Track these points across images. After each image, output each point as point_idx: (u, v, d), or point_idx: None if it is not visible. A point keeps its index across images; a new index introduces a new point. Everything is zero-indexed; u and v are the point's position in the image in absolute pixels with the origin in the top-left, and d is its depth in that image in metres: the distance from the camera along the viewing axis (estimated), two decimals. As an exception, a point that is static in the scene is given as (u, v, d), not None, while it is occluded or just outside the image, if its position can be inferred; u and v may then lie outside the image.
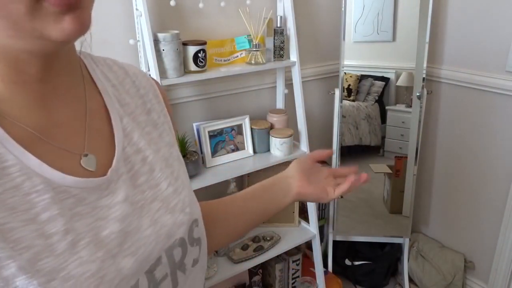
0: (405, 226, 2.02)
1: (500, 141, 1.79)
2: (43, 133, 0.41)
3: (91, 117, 0.46)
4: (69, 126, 0.44)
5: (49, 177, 0.39)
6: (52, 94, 0.43)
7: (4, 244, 0.34)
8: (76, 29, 0.36)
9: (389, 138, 2.00)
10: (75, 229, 0.39)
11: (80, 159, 0.43)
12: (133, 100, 0.52)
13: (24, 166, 0.38)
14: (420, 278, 2.08)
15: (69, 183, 0.40)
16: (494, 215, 1.87)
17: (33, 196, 0.38)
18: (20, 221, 0.36)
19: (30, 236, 0.36)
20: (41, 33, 0.35)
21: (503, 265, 1.85)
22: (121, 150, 0.47)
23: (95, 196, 0.42)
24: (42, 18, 0.34)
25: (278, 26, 1.64)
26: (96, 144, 0.45)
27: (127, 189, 0.45)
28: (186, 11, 1.61)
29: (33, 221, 0.37)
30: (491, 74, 1.75)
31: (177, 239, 0.48)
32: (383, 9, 1.81)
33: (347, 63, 1.84)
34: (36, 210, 0.37)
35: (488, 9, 1.72)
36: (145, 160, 0.49)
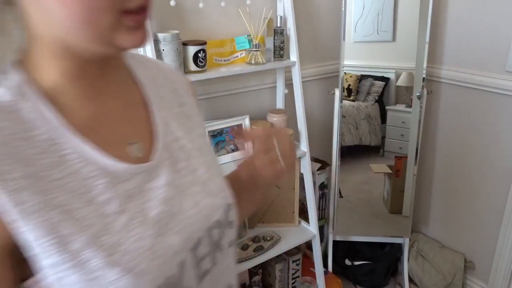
0: (405, 226, 2.02)
1: (500, 141, 1.79)
2: (97, 123, 0.47)
3: (134, 109, 0.52)
4: (118, 117, 0.50)
5: (103, 163, 0.44)
6: (105, 88, 0.49)
7: (70, 222, 0.40)
8: (142, 41, 0.44)
9: (389, 138, 2.00)
10: (128, 209, 0.44)
11: (127, 147, 0.49)
12: (167, 94, 0.57)
13: (81, 154, 0.43)
14: (420, 278, 2.08)
15: (120, 169, 0.46)
16: (494, 215, 1.87)
17: (90, 181, 0.43)
18: (80, 203, 0.41)
19: (90, 216, 0.41)
20: (116, 42, 0.42)
21: (503, 265, 1.85)
22: (162, 138, 0.52)
23: (142, 180, 0.47)
24: (120, 31, 0.42)
25: (278, 26, 1.64)
26: (139, 133, 0.51)
27: (169, 174, 0.50)
28: (186, 11, 1.61)
29: (92, 203, 0.42)
30: (491, 74, 1.75)
31: (215, 220, 0.52)
32: (383, 9, 1.81)
33: (347, 63, 1.84)
34: (93, 193, 0.43)
35: (488, 9, 1.72)
36: (183, 148, 0.54)
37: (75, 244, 0.40)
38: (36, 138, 0.42)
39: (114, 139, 0.48)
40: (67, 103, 0.45)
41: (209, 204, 0.52)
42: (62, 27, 0.41)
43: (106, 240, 0.41)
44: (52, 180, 0.41)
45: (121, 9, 0.40)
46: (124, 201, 0.45)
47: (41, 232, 0.39)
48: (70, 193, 0.41)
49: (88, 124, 0.46)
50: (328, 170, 2.03)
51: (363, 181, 2.07)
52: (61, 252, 0.39)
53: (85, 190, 0.42)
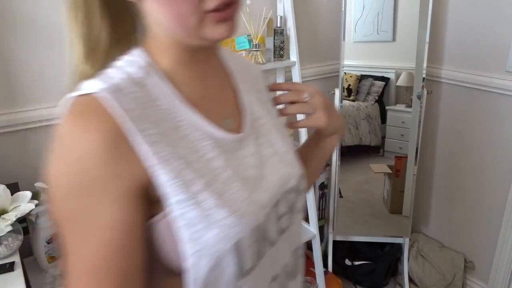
0: (405, 226, 2.02)
1: (500, 141, 1.79)
2: (202, 99, 0.57)
3: (227, 91, 0.63)
4: (217, 96, 0.61)
5: (208, 130, 0.54)
6: (208, 72, 0.59)
7: (190, 170, 0.50)
8: (227, 34, 0.51)
9: (389, 138, 2.00)
10: (229, 167, 0.54)
11: (223, 121, 0.58)
12: (248, 81, 0.68)
13: (191, 121, 0.53)
14: (420, 278, 2.08)
15: (221, 136, 0.55)
16: (494, 215, 1.87)
17: (199, 143, 0.53)
18: (194, 158, 0.51)
19: (202, 168, 0.51)
20: (204, 36, 0.50)
21: (503, 265, 1.85)
22: (248, 117, 0.62)
23: (235, 148, 0.57)
24: (206, 26, 0.50)
25: (278, 26, 1.64)
26: (231, 111, 0.62)
27: (254, 146, 0.60)
28: (186, 11, 1.61)
29: (202, 159, 0.52)
30: (491, 74, 1.75)
31: (290, 187, 0.62)
32: (383, 9, 1.81)
33: (347, 63, 1.84)
34: (202, 152, 0.52)
35: (488, 9, 1.72)
36: (264, 125, 0.64)
37: (195, 187, 0.49)
38: (159, 107, 0.52)
39: (214, 113, 0.57)
40: (179, 82, 0.55)
41: (286, 173, 0.62)
42: (165, 27, 0.52)
43: (215, 187, 0.51)
44: (175, 138, 0.51)
45: (203, 10, 0.48)
46: (226, 159, 0.54)
47: (171, 175, 0.48)
48: (186, 148, 0.51)
49: (195, 99, 0.56)
50: (328, 170, 2.03)
51: (363, 181, 2.07)
52: (185, 192, 0.48)
53: (196, 149, 0.52)
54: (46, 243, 1.29)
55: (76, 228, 0.47)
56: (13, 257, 1.11)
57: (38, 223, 1.27)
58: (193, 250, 0.48)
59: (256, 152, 0.60)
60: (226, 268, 0.50)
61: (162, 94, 0.53)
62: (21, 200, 1.15)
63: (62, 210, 0.47)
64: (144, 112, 0.49)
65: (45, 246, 1.29)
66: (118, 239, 0.46)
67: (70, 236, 0.47)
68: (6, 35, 1.33)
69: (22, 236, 1.16)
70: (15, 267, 1.07)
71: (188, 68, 0.56)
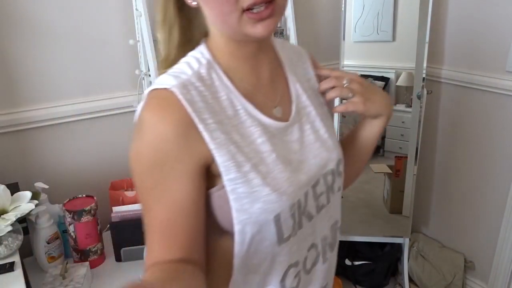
0: (405, 226, 2.02)
1: (500, 141, 1.79)
2: (255, 90, 0.66)
3: (278, 81, 0.71)
4: (267, 86, 0.69)
5: (259, 117, 0.64)
6: (260, 64, 0.67)
7: (241, 154, 0.59)
8: (264, 33, 0.58)
9: (389, 138, 2.00)
10: (275, 151, 0.63)
11: (273, 109, 0.67)
12: (299, 71, 0.76)
13: (246, 110, 0.63)
14: (420, 278, 2.08)
15: (269, 123, 0.65)
16: (494, 215, 1.87)
17: (251, 129, 0.62)
18: (245, 142, 0.61)
19: (251, 151, 0.61)
20: (245, 33, 0.58)
21: (503, 265, 1.85)
22: (295, 106, 0.70)
23: (281, 134, 0.66)
24: (244, 25, 0.57)
25: (278, 26, 1.64)
26: (280, 100, 0.69)
27: (298, 132, 0.69)
28: (186, 11, 1.61)
29: (253, 143, 0.61)
30: (491, 74, 1.75)
31: (329, 169, 0.70)
32: (383, 9, 1.81)
33: (347, 63, 1.84)
34: (253, 137, 0.62)
35: (488, 9, 1.72)
36: (309, 114, 0.71)
37: (244, 168, 0.59)
38: (220, 98, 0.62)
39: (265, 102, 0.67)
40: (235, 75, 0.64)
41: (326, 157, 0.70)
42: (216, 25, 0.62)
43: (262, 168, 0.60)
44: (231, 126, 0.60)
45: (241, 9, 0.55)
46: (272, 144, 0.63)
47: (226, 158, 0.58)
48: (240, 135, 0.61)
49: (248, 90, 0.65)
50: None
51: (363, 181, 2.07)
52: (237, 171, 0.58)
53: (249, 134, 0.62)
54: (46, 243, 1.29)
55: (155, 194, 0.58)
56: (13, 257, 1.11)
57: (38, 223, 1.27)
58: (240, 218, 0.59)
59: (300, 138, 0.68)
60: (267, 234, 0.61)
61: (221, 87, 0.63)
62: (21, 200, 1.15)
63: (144, 180, 0.59)
64: (206, 104, 0.59)
65: (45, 246, 1.29)
66: (186, 204, 0.58)
67: (150, 200, 0.59)
68: (6, 35, 1.33)
69: (22, 236, 1.16)
70: (15, 267, 1.07)
71: (241, 62, 0.65)
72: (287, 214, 0.62)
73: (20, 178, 1.36)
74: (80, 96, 1.50)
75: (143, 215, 0.62)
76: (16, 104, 1.39)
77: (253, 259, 0.63)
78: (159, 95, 0.59)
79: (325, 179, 0.70)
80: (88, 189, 1.51)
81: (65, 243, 1.36)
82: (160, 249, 0.60)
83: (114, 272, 1.36)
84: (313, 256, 0.71)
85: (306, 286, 0.71)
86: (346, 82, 0.73)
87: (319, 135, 0.71)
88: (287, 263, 0.66)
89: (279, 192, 0.60)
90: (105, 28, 1.49)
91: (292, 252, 0.66)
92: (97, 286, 1.30)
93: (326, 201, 0.71)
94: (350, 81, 0.73)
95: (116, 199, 1.48)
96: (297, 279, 0.69)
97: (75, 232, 1.31)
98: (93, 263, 1.35)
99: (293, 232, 0.64)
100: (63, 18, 1.41)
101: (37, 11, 1.36)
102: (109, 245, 1.40)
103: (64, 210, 1.31)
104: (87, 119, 1.53)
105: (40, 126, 1.44)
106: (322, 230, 0.72)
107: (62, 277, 1.22)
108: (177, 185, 0.58)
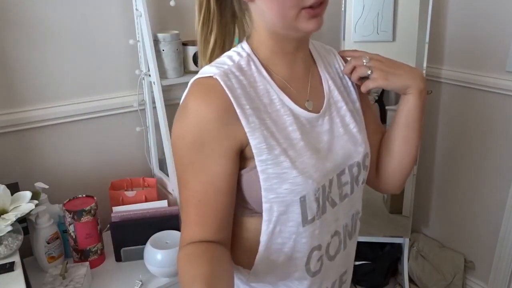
0: (405, 226, 2.02)
1: (500, 141, 1.79)
2: (290, 83, 0.71)
3: (311, 77, 0.76)
4: (301, 80, 0.74)
5: (292, 108, 0.69)
6: (296, 61, 0.73)
7: (273, 138, 0.65)
8: (316, 28, 0.65)
9: (389, 138, 1.99)
10: (305, 139, 0.68)
11: (305, 101, 0.72)
12: (331, 69, 0.80)
13: (281, 100, 0.69)
14: (420, 278, 2.08)
15: (301, 114, 0.70)
16: (494, 215, 1.87)
17: (284, 117, 0.68)
18: (277, 129, 0.66)
19: (282, 137, 0.66)
20: (298, 28, 0.64)
21: (503, 265, 1.85)
22: (327, 100, 0.75)
23: (312, 124, 0.71)
24: (300, 20, 0.63)
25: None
26: (312, 94, 0.74)
27: (328, 124, 0.73)
28: (186, 11, 1.61)
29: (284, 130, 0.67)
30: (491, 74, 1.75)
31: (355, 161, 0.74)
32: (383, 9, 1.81)
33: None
34: (285, 124, 0.67)
35: (488, 9, 1.72)
36: (340, 109, 0.76)
37: (275, 151, 0.64)
38: (257, 88, 0.67)
39: (298, 95, 0.72)
40: (273, 68, 0.70)
41: (353, 149, 0.74)
42: (270, 22, 0.66)
43: (291, 153, 0.65)
44: (265, 112, 0.66)
45: (301, 6, 0.62)
46: (302, 133, 0.68)
47: (259, 141, 0.63)
48: (273, 121, 0.66)
49: (284, 83, 0.70)
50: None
51: (363, 181, 2.06)
52: (268, 153, 0.64)
53: (281, 122, 0.67)
54: (46, 243, 1.29)
55: (193, 171, 0.64)
56: (13, 257, 1.11)
57: (38, 223, 1.27)
58: (269, 197, 0.65)
59: (329, 130, 0.73)
60: (292, 214, 0.67)
61: (259, 77, 0.68)
62: (21, 200, 1.15)
63: (183, 157, 0.65)
64: (244, 92, 0.65)
65: (45, 246, 1.29)
66: (219, 182, 0.64)
67: (188, 176, 0.65)
68: (6, 35, 1.33)
69: (22, 236, 1.16)
70: (15, 267, 1.07)
71: (280, 57, 0.71)
72: (311, 197, 0.67)
73: (20, 178, 1.36)
74: (80, 96, 1.50)
75: (179, 192, 0.68)
76: (16, 104, 1.39)
77: (278, 238, 0.69)
78: (203, 82, 0.65)
79: (351, 170, 0.74)
80: (88, 189, 1.52)
81: (65, 243, 1.36)
82: (194, 226, 0.66)
83: (114, 272, 1.36)
84: (336, 243, 0.76)
85: (328, 271, 0.76)
86: (365, 60, 0.76)
87: (348, 129, 0.75)
88: (310, 246, 0.70)
89: (305, 176, 0.65)
90: (105, 28, 1.49)
91: (314, 235, 0.70)
92: (97, 286, 1.30)
93: (350, 191, 0.75)
94: (369, 59, 0.76)
95: (116, 199, 1.48)
96: (319, 263, 0.73)
97: (75, 232, 1.31)
98: (93, 263, 1.35)
99: (317, 215, 0.69)
100: (63, 18, 1.41)
101: (37, 11, 1.36)
102: (109, 245, 1.40)
103: (64, 210, 1.31)
104: (87, 119, 1.53)
105: (40, 126, 1.44)
106: (344, 218, 0.76)
107: (62, 277, 1.22)
108: (213, 164, 0.63)
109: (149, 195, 1.50)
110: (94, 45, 1.49)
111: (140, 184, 1.58)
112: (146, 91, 1.58)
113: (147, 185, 1.58)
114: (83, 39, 1.46)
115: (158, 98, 1.44)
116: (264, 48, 0.70)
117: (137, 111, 1.60)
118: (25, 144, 1.43)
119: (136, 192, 1.51)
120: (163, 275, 1.31)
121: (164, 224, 1.37)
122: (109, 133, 1.59)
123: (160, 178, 1.65)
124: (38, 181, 1.35)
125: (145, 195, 1.50)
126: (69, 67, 1.46)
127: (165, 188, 1.61)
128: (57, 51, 1.42)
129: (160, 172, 1.66)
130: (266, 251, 0.69)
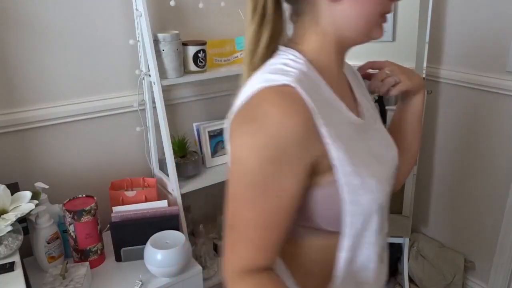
0: (405, 226, 2.02)
1: (500, 141, 1.79)
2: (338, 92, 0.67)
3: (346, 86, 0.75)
4: (345, 90, 0.73)
5: (349, 116, 0.67)
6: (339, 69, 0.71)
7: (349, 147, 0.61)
8: (382, 35, 0.65)
9: (389, 138, 1.99)
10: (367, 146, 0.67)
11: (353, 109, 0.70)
12: (355, 81, 0.81)
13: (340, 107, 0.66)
14: (420, 278, 2.08)
15: (356, 121, 0.68)
16: (494, 215, 1.87)
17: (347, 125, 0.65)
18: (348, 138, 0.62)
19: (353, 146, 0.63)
20: (371, 34, 0.64)
21: (503, 265, 1.85)
22: (363, 108, 0.74)
23: (365, 131, 0.70)
24: (376, 27, 0.64)
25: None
26: (351, 103, 0.72)
27: (372, 130, 0.73)
28: (186, 11, 1.61)
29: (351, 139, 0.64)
30: (491, 74, 1.75)
31: (396, 164, 0.75)
32: (383, 9, 1.81)
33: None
34: (350, 134, 0.64)
35: (488, 9, 1.72)
36: (372, 115, 0.76)
37: (355, 161, 0.61)
38: (322, 95, 0.63)
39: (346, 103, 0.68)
40: (326, 76, 0.66)
41: (395, 154, 0.75)
42: (352, 26, 0.63)
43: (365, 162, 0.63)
44: (335, 122, 0.62)
45: (384, 12, 0.63)
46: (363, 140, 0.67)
47: (340, 152, 0.59)
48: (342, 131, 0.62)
49: (336, 91, 0.66)
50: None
51: (363, 181, 2.07)
52: (351, 164, 0.60)
53: (347, 130, 0.64)
54: (46, 243, 1.29)
55: (264, 190, 0.57)
56: (13, 257, 1.11)
57: (38, 223, 1.27)
58: (353, 210, 0.61)
59: (374, 135, 0.72)
60: (371, 224, 0.64)
61: (321, 84, 0.64)
62: (21, 200, 1.15)
63: (254, 174, 0.57)
64: (317, 101, 0.59)
65: (45, 246, 1.29)
66: (287, 202, 0.58)
67: (255, 196, 0.58)
68: (6, 35, 1.33)
69: (22, 236, 1.16)
70: (15, 267, 1.07)
71: (332, 67, 0.68)
72: (385, 203, 0.66)
73: (20, 178, 1.37)
74: (80, 96, 1.50)
75: (232, 211, 0.61)
76: (16, 104, 1.39)
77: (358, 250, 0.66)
78: (282, 91, 0.57)
79: (394, 174, 0.75)
80: (88, 189, 1.52)
81: (65, 243, 1.36)
82: (259, 251, 0.60)
83: (114, 272, 1.36)
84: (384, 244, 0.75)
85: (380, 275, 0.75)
86: (388, 71, 0.79)
87: (384, 133, 0.77)
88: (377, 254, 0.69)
89: (380, 183, 0.64)
90: (105, 28, 1.49)
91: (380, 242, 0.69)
92: (97, 286, 1.30)
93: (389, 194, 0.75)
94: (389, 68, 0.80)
95: (116, 199, 1.48)
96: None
97: (75, 232, 1.31)
98: (93, 263, 1.36)
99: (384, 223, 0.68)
100: (63, 18, 1.41)
101: (37, 11, 1.36)
102: (109, 245, 1.40)
103: (64, 210, 1.31)
104: (87, 119, 1.53)
105: (40, 126, 1.44)
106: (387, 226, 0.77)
107: (62, 277, 1.22)
108: (289, 184, 0.57)
109: (149, 195, 1.50)
110: (94, 45, 1.49)
111: (140, 184, 1.58)
112: (146, 91, 1.58)
113: (147, 185, 1.58)
114: (83, 39, 1.46)
115: (158, 98, 1.44)
116: (323, 56, 0.66)
117: (137, 111, 1.61)
118: (25, 144, 1.43)
119: (136, 192, 1.51)
120: (163, 275, 1.31)
121: (164, 224, 1.37)
122: (109, 133, 1.59)
123: (160, 178, 1.65)
124: (38, 181, 1.36)
125: (145, 195, 1.50)
126: (69, 67, 1.46)
127: (165, 188, 1.61)
128: (57, 51, 1.42)
129: (160, 172, 1.66)
130: (347, 267, 0.66)
